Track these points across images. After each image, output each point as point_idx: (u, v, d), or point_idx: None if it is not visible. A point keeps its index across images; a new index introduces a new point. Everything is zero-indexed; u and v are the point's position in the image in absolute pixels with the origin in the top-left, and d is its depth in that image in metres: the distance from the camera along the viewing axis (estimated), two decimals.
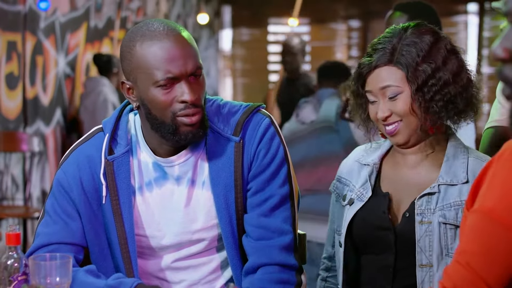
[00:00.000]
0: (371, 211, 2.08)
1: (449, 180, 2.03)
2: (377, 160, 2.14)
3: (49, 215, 2.01)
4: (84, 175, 1.99)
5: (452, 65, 2.03)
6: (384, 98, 2.04)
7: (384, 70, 2.04)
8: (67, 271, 1.67)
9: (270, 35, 10.97)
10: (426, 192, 2.03)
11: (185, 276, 2.05)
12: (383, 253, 2.07)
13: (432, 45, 2.03)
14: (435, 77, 2.00)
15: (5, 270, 1.74)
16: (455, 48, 2.07)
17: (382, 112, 2.04)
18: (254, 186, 1.99)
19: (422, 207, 2.02)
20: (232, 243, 1.99)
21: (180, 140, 1.93)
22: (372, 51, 2.07)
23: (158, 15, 8.42)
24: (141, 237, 2.02)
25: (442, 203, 2.01)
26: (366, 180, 2.12)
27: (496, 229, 1.39)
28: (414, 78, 2.00)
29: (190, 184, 2.00)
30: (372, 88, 2.06)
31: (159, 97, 1.89)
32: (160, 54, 1.87)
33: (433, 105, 2.00)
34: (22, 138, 5.27)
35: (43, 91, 5.73)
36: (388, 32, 2.08)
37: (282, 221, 1.99)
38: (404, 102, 2.01)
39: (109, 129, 2.01)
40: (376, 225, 2.07)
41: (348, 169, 2.19)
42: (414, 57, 2.00)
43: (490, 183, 1.41)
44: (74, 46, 6.29)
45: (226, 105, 2.03)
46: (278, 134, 2.02)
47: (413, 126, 2.04)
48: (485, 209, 1.40)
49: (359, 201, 2.10)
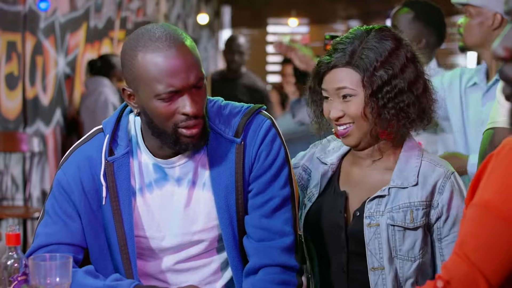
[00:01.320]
0: (327, 211, 2.09)
1: (400, 183, 2.04)
2: (335, 161, 2.15)
3: (49, 215, 2.01)
4: (84, 176, 1.99)
5: (409, 73, 2.01)
6: (339, 99, 2.04)
7: (341, 71, 2.03)
8: (67, 271, 1.67)
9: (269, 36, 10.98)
10: (377, 195, 2.04)
11: (185, 278, 2.05)
12: (337, 253, 2.08)
13: (392, 51, 2.01)
14: (390, 84, 1.99)
15: (5, 270, 1.74)
16: (415, 57, 2.05)
17: (335, 112, 2.04)
18: (255, 187, 2.00)
19: (371, 210, 2.03)
20: (233, 244, 2.00)
21: (181, 149, 1.94)
22: (332, 50, 2.06)
23: (158, 15, 8.42)
24: (141, 238, 2.01)
25: (391, 205, 2.02)
26: (318, 181, 2.13)
27: (494, 222, 1.39)
28: (370, 83, 1.99)
29: (190, 185, 2.00)
30: (327, 87, 2.06)
31: (160, 109, 1.88)
32: (162, 67, 1.84)
33: (385, 112, 2.00)
34: (22, 138, 5.26)
35: (43, 91, 5.73)
36: (351, 33, 2.07)
37: (283, 223, 1.99)
38: (357, 105, 2.01)
39: (110, 130, 2.00)
40: (331, 224, 2.08)
41: (308, 158, 2.21)
42: (372, 62, 1.99)
43: (489, 177, 1.41)
44: (74, 46, 6.28)
45: (227, 106, 2.03)
46: (279, 136, 2.02)
47: (364, 130, 2.03)
48: (483, 202, 1.40)
49: (309, 201, 2.13)
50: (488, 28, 2.86)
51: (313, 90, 2.12)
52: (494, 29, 2.85)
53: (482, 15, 2.87)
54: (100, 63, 6.20)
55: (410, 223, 2.01)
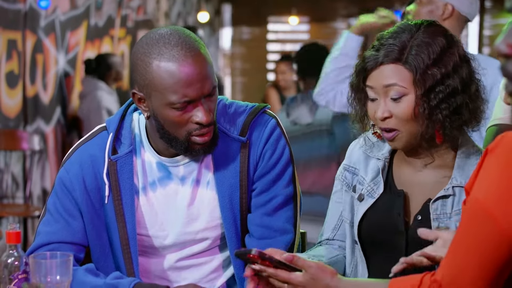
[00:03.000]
0: (384, 211, 1.94)
1: (463, 182, 1.88)
2: (388, 155, 1.99)
3: (50, 213, 2.00)
4: (87, 174, 1.98)
5: (462, 72, 1.88)
6: (386, 98, 1.89)
7: (390, 67, 1.87)
8: (68, 269, 1.66)
9: (270, 34, 10.97)
10: (441, 195, 1.90)
11: (187, 275, 2.05)
12: (393, 257, 1.87)
13: (444, 49, 1.87)
14: (444, 83, 1.86)
15: (6, 269, 1.74)
16: (466, 55, 1.92)
17: (382, 112, 1.89)
18: (259, 186, 1.99)
19: (437, 212, 1.90)
20: (236, 242, 1.99)
21: (191, 155, 1.94)
22: (379, 45, 1.91)
23: (158, 13, 8.42)
24: (144, 236, 2.01)
25: (458, 207, 1.89)
26: (377, 174, 1.97)
27: (485, 221, 1.37)
28: (422, 81, 1.85)
29: (194, 183, 2.00)
30: (374, 85, 1.90)
31: (173, 117, 1.87)
32: (178, 77, 1.82)
33: (437, 112, 1.86)
34: (22, 136, 5.26)
35: (43, 89, 5.73)
36: (399, 27, 1.92)
37: (285, 221, 2.00)
38: (407, 105, 1.87)
39: (113, 129, 1.99)
40: (388, 227, 1.94)
41: (356, 157, 2.04)
42: (424, 59, 1.85)
43: (481, 175, 1.40)
44: (74, 45, 6.28)
45: (232, 105, 2.03)
46: (284, 135, 2.02)
47: (413, 133, 1.89)
48: (474, 200, 1.39)
49: (370, 197, 1.96)
50: (438, 17, 2.87)
51: (356, 87, 1.96)
52: (444, 19, 2.87)
53: (433, 3, 2.91)
54: (95, 64, 6.15)
55: None
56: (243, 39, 11.03)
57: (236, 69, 11.05)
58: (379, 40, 1.92)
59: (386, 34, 1.92)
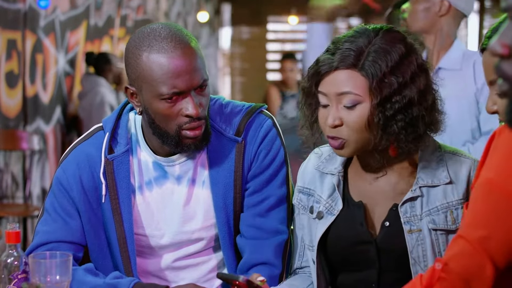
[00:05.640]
0: (346, 225, 1.88)
1: (430, 181, 1.83)
2: (341, 168, 1.92)
3: (48, 213, 2.01)
4: (84, 174, 1.99)
5: (420, 83, 1.78)
6: (339, 105, 1.79)
7: (345, 73, 1.78)
8: (67, 269, 1.67)
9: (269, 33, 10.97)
10: (409, 197, 1.83)
11: (184, 275, 2.05)
12: (365, 269, 1.87)
13: (403, 57, 1.77)
14: (401, 93, 1.76)
15: (5, 268, 1.74)
16: (424, 64, 1.82)
17: (333, 119, 1.79)
18: (252, 186, 2.00)
19: (407, 214, 1.83)
20: (228, 243, 2.00)
21: (182, 150, 1.94)
22: (334, 48, 1.80)
23: (158, 13, 8.41)
24: (141, 236, 2.02)
25: (428, 207, 1.83)
26: (333, 190, 1.90)
27: (497, 199, 1.37)
28: (378, 89, 1.75)
29: (190, 183, 2.00)
30: (327, 91, 1.80)
31: (163, 110, 1.87)
32: (167, 68, 1.83)
33: (392, 124, 1.77)
34: (22, 136, 5.26)
35: (43, 89, 5.73)
36: (356, 31, 1.82)
37: (277, 222, 2.00)
38: (361, 113, 1.77)
39: (109, 128, 2.00)
40: (354, 239, 1.87)
41: (310, 178, 1.97)
42: (382, 66, 1.75)
43: (491, 156, 1.41)
44: (74, 44, 6.28)
45: (229, 105, 2.03)
46: (279, 136, 2.03)
47: (363, 143, 1.80)
48: (486, 180, 1.40)
49: (330, 214, 1.89)
50: (435, 14, 2.87)
51: (308, 92, 1.86)
52: (441, 15, 2.87)
53: (429, 0, 2.89)
54: (96, 55, 6.22)
55: (452, 224, 1.82)
56: (243, 39, 11.03)
57: (235, 69, 11.05)
58: (335, 43, 1.82)
59: (343, 37, 1.82)
